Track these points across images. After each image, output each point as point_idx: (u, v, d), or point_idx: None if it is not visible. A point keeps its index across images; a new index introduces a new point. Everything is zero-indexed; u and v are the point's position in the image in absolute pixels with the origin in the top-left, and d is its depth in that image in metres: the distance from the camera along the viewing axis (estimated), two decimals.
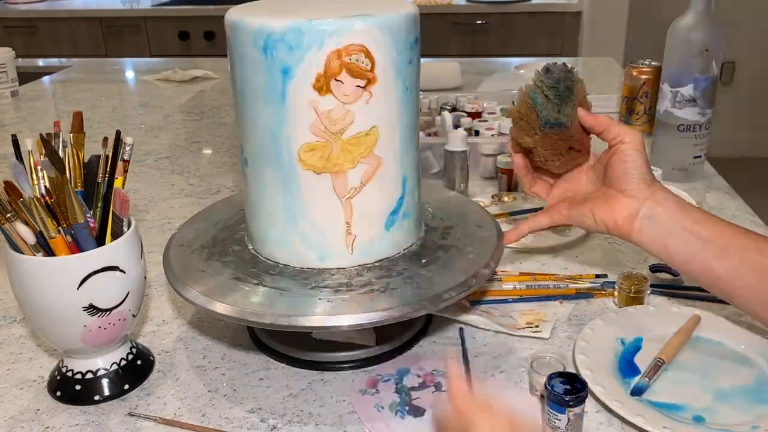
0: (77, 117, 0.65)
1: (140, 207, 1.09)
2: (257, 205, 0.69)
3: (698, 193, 1.06)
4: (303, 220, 0.66)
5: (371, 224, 0.67)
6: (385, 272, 0.67)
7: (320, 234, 0.66)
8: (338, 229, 0.66)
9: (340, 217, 0.66)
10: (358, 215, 0.66)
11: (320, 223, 0.66)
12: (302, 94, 0.61)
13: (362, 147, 0.64)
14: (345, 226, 0.66)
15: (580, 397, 0.56)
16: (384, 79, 0.62)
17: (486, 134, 1.15)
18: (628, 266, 0.87)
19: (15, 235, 0.58)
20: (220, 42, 2.99)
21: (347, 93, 0.61)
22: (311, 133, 0.62)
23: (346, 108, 0.62)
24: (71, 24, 3.10)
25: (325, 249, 0.67)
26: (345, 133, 0.63)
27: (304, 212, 0.66)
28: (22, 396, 0.67)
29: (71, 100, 1.80)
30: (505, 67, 1.94)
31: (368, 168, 0.65)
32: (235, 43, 0.63)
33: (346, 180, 0.65)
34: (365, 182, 0.65)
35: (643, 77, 1.28)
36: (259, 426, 0.62)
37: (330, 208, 0.65)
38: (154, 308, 0.82)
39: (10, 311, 0.82)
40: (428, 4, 2.87)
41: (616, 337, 0.71)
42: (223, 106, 1.65)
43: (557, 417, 0.57)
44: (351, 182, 0.65)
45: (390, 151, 0.66)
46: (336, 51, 0.59)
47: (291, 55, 0.60)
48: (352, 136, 0.63)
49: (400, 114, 0.65)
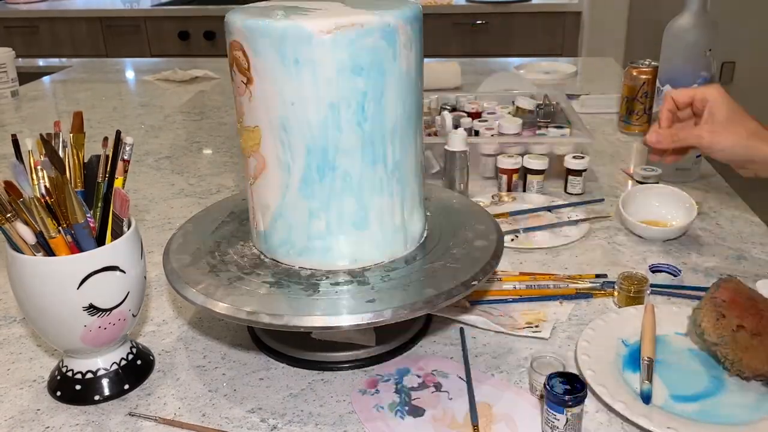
0: (77, 117, 0.65)
1: (140, 207, 1.09)
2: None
3: (698, 193, 1.06)
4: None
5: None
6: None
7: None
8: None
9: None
10: (254, 207, 0.70)
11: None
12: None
13: (251, 141, 0.66)
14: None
15: (579, 397, 0.56)
16: (259, 83, 0.62)
17: (486, 134, 1.15)
18: (628, 266, 0.87)
19: (15, 235, 0.58)
20: (220, 42, 2.99)
21: (238, 85, 0.65)
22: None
23: (239, 98, 0.65)
24: (71, 24, 3.10)
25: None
26: (242, 121, 0.66)
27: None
28: (22, 396, 0.67)
29: (71, 100, 1.80)
30: (505, 67, 1.94)
31: (257, 164, 0.67)
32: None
33: (247, 167, 0.68)
34: (255, 177, 0.67)
35: (643, 77, 1.28)
36: (259, 426, 0.62)
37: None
38: (154, 308, 0.82)
39: (10, 311, 0.82)
40: (428, 4, 2.87)
41: (617, 337, 0.71)
42: (223, 106, 1.65)
43: (556, 417, 0.57)
44: (249, 171, 0.68)
45: (273, 157, 0.65)
46: (231, 43, 0.63)
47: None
48: (244, 126, 0.66)
49: (283, 124, 0.63)
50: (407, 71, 0.64)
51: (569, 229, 0.96)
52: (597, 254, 0.91)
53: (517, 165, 1.07)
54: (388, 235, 0.68)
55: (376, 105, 0.63)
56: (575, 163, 1.06)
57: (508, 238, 0.93)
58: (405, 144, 0.67)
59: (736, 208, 1.02)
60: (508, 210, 1.01)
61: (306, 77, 0.61)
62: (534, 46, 2.86)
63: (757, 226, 0.97)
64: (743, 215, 1.00)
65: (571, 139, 1.11)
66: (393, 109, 0.64)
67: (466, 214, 0.79)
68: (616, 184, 1.12)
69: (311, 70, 0.60)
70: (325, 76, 0.60)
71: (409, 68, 0.64)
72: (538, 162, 1.06)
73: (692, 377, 0.66)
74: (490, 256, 0.70)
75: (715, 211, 1.02)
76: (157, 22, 3.05)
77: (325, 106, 0.61)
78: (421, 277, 0.66)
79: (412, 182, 0.69)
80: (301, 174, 0.64)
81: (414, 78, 0.66)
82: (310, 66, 0.60)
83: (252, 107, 0.64)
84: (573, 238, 0.93)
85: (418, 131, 0.69)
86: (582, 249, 0.92)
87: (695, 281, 0.83)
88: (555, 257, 0.90)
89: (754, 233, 0.95)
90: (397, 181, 0.67)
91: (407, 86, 0.65)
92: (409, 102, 0.66)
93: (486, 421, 0.61)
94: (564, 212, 1.01)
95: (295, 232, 0.67)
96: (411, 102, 0.66)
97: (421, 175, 0.72)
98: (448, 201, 0.83)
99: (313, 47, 0.59)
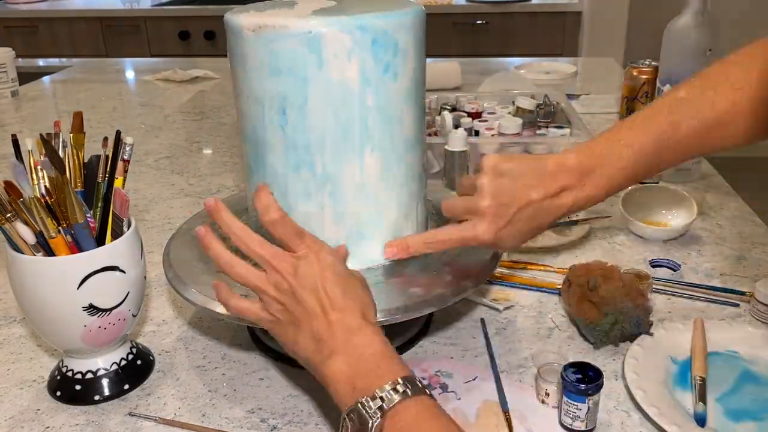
0: (77, 117, 0.65)
1: (140, 207, 1.09)
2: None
3: (698, 193, 1.06)
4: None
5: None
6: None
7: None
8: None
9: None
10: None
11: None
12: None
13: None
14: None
15: (597, 385, 0.57)
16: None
17: (486, 134, 1.15)
18: (628, 265, 0.87)
19: (15, 235, 0.58)
20: (220, 42, 2.99)
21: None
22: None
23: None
24: (71, 24, 3.10)
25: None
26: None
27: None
28: (22, 396, 0.67)
29: (71, 100, 1.80)
30: (505, 67, 1.94)
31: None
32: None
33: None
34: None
35: (643, 77, 1.28)
36: (259, 426, 0.62)
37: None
38: (154, 308, 0.82)
39: (10, 311, 0.82)
40: (428, 4, 2.87)
41: (666, 354, 0.68)
42: (223, 106, 1.65)
43: (578, 407, 0.58)
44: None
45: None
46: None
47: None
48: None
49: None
50: (341, 82, 0.61)
51: (569, 229, 0.96)
52: (597, 254, 0.90)
53: None
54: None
55: (298, 111, 0.62)
56: None
57: None
58: (341, 156, 0.64)
59: (736, 208, 1.02)
60: None
61: (239, 71, 0.64)
62: (534, 46, 2.86)
63: (757, 226, 0.97)
64: (743, 215, 1.00)
65: (571, 139, 1.11)
66: (320, 119, 0.62)
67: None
68: None
69: (242, 64, 0.63)
70: (251, 72, 0.63)
71: (345, 79, 0.61)
72: None
73: (745, 396, 0.64)
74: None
75: (715, 211, 1.02)
76: (157, 22, 3.05)
77: (253, 101, 0.64)
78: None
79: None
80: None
81: (358, 90, 0.61)
82: (241, 59, 0.63)
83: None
84: (573, 238, 0.93)
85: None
86: (582, 249, 0.92)
87: (695, 281, 0.83)
88: (555, 257, 0.90)
89: (754, 233, 0.95)
90: (330, 195, 0.65)
91: (341, 97, 0.61)
92: (348, 115, 0.62)
93: (498, 418, 0.61)
94: None
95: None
96: (354, 115, 0.62)
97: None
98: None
99: (244, 41, 0.62)
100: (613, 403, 0.63)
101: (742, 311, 0.77)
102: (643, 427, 0.61)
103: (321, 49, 0.60)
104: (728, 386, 0.65)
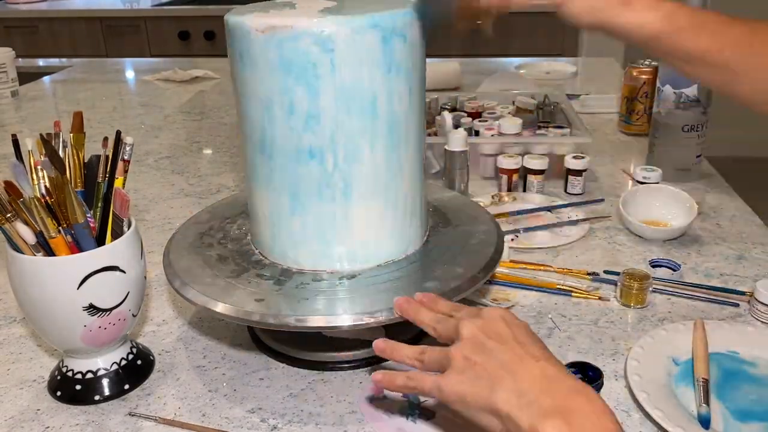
0: (77, 117, 0.65)
1: (140, 207, 1.09)
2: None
3: (698, 193, 1.06)
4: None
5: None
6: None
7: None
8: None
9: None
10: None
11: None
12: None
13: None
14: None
15: (597, 384, 0.57)
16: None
17: (486, 134, 1.15)
18: (628, 265, 0.87)
19: (15, 235, 0.58)
20: (220, 42, 2.98)
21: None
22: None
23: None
24: (71, 24, 3.09)
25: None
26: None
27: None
28: (22, 396, 0.67)
29: (71, 100, 1.80)
30: (505, 67, 1.94)
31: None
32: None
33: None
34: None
35: (643, 77, 1.28)
36: (259, 426, 0.62)
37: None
38: (154, 308, 0.82)
39: (10, 311, 0.82)
40: None
41: (667, 355, 0.68)
42: (223, 106, 1.65)
43: None
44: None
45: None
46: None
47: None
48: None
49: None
50: (352, 80, 0.61)
51: (569, 229, 0.96)
52: (597, 254, 0.90)
53: (517, 165, 1.07)
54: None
55: (309, 111, 0.62)
56: (575, 163, 1.06)
57: (508, 238, 0.93)
58: (352, 155, 0.64)
59: (736, 208, 1.02)
60: (508, 210, 1.01)
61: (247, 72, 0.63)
62: (534, 46, 2.86)
63: (757, 227, 0.97)
64: (743, 215, 1.00)
65: (571, 139, 1.11)
66: (331, 118, 0.62)
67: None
68: (616, 184, 1.12)
69: (249, 65, 0.63)
70: (258, 73, 0.62)
71: (356, 78, 0.61)
72: (538, 162, 1.06)
73: (747, 397, 0.63)
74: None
75: (715, 211, 1.02)
76: (157, 22, 3.04)
77: (259, 102, 0.63)
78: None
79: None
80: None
81: (368, 88, 0.62)
82: (247, 61, 0.62)
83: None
84: (573, 238, 0.93)
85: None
86: (582, 249, 0.92)
87: (695, 281, 0.83)
88: (555, 257, 0.90)
89: (754, 233, 0.95)
90: (341, 193, 0.65)
91: (353, 96, 0.62)
92: (360, 113, 0.62)
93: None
94: (564, 212, 1.01)
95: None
96: (365, 113, 0.63)
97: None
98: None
99: (252, 43, 0.61)
100: (613, 403, 0.63)
101: (742, 311, 0.77)
102: (643, 427, 0.61)
103: (333, 49, 0.60)
104: (729, 387, 0.65)
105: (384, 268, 0.68)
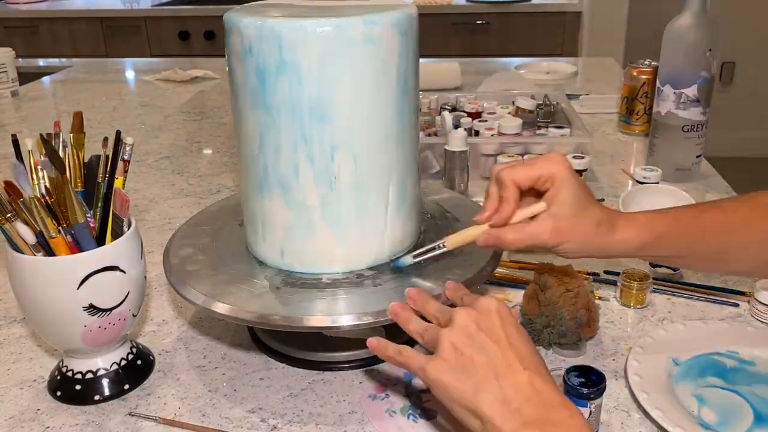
0: (77, 117, 0.65)
1: (140, 207, 1.09)
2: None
3: (698, 193, 1.06)
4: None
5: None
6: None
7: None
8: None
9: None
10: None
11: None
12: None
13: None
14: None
15: (600, 389, 0.57)
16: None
17: (486, 134, 1.15)
18: (628, 266, 0.87)
19: (15, 235, 0.58)
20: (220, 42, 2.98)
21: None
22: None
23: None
24: (71, 24, 3.10)
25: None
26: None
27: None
28: (22, 396, 0.67)
29: (71, 100, 1.80)
30: (505, 67, 1.94)
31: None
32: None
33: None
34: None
35: (643, 77, 1.28)
36: (259, 426, 0.62)
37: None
38: (154, 308, 0.82)
39: (10, 311, 0.82)
40: (428, 4, 2.87)
41: (667, 355, 0.68)
42: (223, 106, 1.65)
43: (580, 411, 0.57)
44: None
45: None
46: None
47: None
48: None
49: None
50: (352, 79, 0.61)
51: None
52: None
53: None
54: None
55: (309, 111, 0.62)
56: (575, 163, 1.06)
57: None
58: (352, 153, 0.64)
59: None
60: None
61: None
62: (534, 46, 2.86)
63: None
64: None
65: (571, 139, 1.11)
66: (331, 118, 0.63)
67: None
68: (616, 184, 1.12)
69: (247, 65, 0.63)
70: (256, 73, 0.62)
71: (356, 77, 0.61)
72: None
73: (746, 396, 0.63)
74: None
75: None
76: (157, 22, 3.04)
77: (256, 102, 0.64)
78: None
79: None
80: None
81: (367, 87, 0.62)
82: (245, 61, 0.62)
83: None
84: None
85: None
86: None
87: (695, 281, 0.83)
88: (555, 257, 0.90)
89: None
90: (340, 192, 0.65)
91: (353, 95, 0.62)
92: (360, 112, 0.63)
93: None
94: None
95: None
96: (364, 113, 0.63)
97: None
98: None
99: (251, 43, 0.61)
100: (613, 403, 0.63)
101: (742, 311, 0.77)
102: (643, 426, 0.61)
103: (326, 48, 0.60)
104: (729, 387, 0.65)
105: (383, 268, 0.68)
